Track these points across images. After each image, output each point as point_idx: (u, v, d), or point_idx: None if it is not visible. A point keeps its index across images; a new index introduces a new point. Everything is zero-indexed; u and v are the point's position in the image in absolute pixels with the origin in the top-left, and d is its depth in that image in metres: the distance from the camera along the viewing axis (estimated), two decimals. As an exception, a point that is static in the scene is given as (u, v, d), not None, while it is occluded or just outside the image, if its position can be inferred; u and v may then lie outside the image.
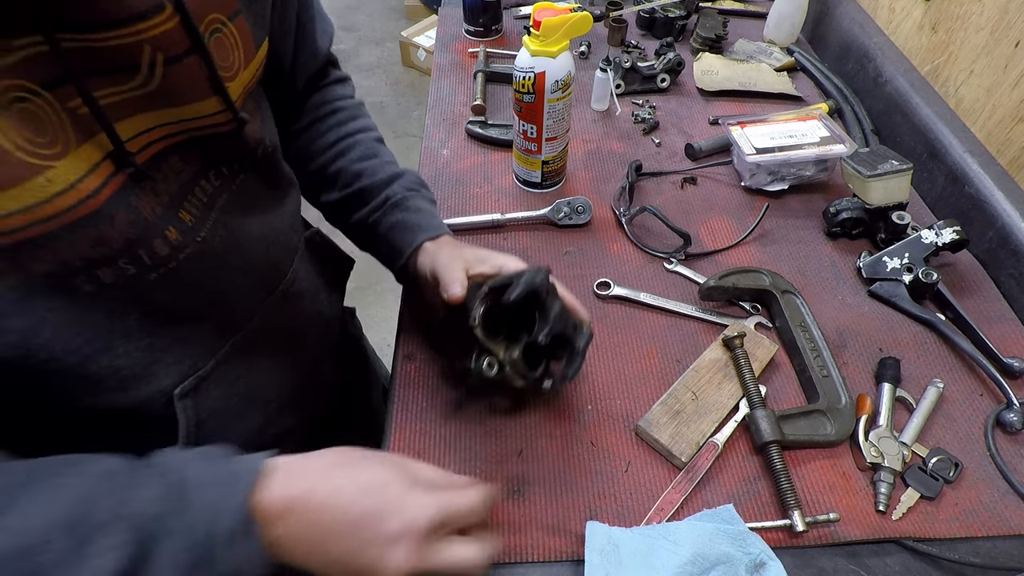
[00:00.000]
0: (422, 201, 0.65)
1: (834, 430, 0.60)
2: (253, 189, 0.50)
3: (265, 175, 0.52)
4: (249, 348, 0.52)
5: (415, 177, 0.67)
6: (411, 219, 0.62)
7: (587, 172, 0.90)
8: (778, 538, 0.54)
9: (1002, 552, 0.54)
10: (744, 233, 0.80)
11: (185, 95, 0.39)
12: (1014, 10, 0.79)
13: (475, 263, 0.58)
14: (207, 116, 0.42)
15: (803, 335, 0.67)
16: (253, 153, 0.49)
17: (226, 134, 0.44)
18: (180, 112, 0.40)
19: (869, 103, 1.02)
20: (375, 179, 0.64)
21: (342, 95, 0.68)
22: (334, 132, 0.65)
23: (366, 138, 0.66)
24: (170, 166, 0.41)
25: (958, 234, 0.72)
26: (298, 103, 0.66)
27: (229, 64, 0.42)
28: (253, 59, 0.46)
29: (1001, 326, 0.71)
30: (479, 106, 0.96)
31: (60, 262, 0.35)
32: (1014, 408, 0.62)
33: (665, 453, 0.59)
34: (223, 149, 0.45)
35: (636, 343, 0.68)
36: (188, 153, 0.42)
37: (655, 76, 1.03)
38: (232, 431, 0.52)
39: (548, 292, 0.55)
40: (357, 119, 0.67)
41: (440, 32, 1.19)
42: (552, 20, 0.69)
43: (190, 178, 0.43)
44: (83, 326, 0.39)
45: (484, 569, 0.40)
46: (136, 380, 0.43)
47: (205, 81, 0.40)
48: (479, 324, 0.53)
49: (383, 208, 0.63)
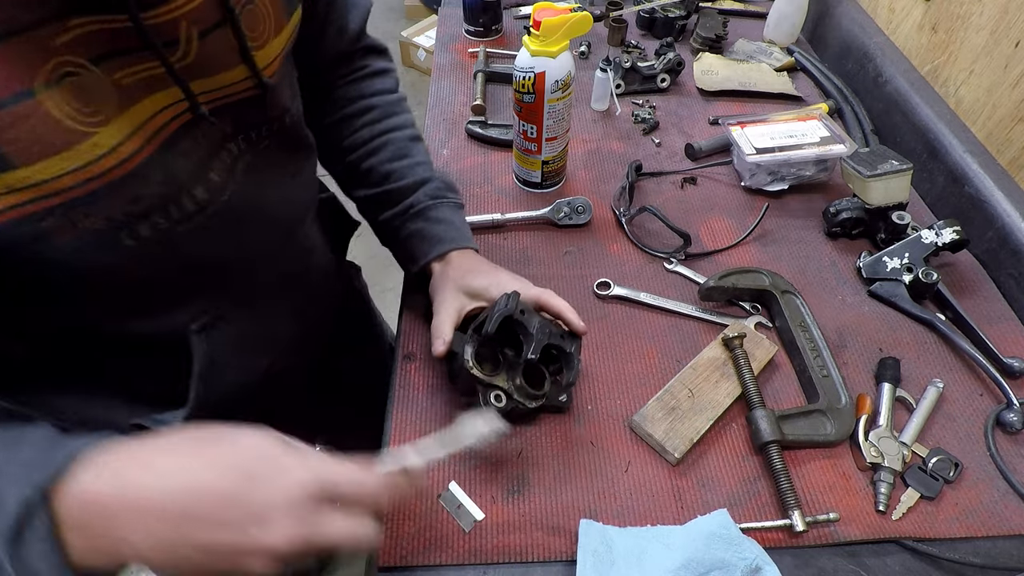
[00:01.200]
0: (446, 210, 0.65)
1: (834, 430, 0.60)
2: (276, 153, 0.52)
3: (288, 141, 0.54)
4: (264, 294, 0.55)
5: (442, 183, 0.67)
6: (430, 230, 0.64)
7: (587, 172, 0.90)
8: (778, 538, 0.54)
9: (1002, 552, 0.54)
10: (744, 233, 0.80)
11: (216, 65, 0.42)
12: (1014, 10, 0.79)
13: (473, 300, 0.60)
14: (235, 83, 0.44)
15: (803, 335, 0.67)
16: (279, 120, 0.51)
17: (252, 100, 0.46)
18: (212, 82, 0.42)
19: (869, 103, 1.02)
20: (403, 183, 0.64)
21: (380, 89, 0.67)
22: (367, 129, 0.65)
23: (400, 137, 0.66)
24: (201, 131, 0.44)
25: (958, 234, 0.72)
26: (327, 83, 0.66)
27: (259, 33, 0.44)
28: (285, 27, 0.47)
29: (1001, 326, 0.71)
30: (479, 106, 0.96)
31: (106, 218, 0.39)
32: (1014, 408, 0.62)
33: (659, 449, 0.59)
34: (250, 115, 0.47)
35: (636, 343, 0.68)
36: (219, 118, 0.44)
37: (655, 76, 1.03)
38: (242, 367, 0.56)
39: (524, 312, 0.57)
40: (392, 116, 0.67)
41: (440, 32, 1.19)
42: (552, 20, 0.69)
43: (219, 140, 0.45)
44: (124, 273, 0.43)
45: (369, 547, 0.36)
46: (160, 313, 0.48)
47: (234, 51, 0.42)
48: (473, 365, 0.54)
49: (406, 214, 0.64)
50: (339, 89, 0.66)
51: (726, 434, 0.61)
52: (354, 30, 0.63)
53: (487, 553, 0.52)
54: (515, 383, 0.56)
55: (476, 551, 0.53)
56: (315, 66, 0.62)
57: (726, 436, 0.61)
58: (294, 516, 0.34)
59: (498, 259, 0.77)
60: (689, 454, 0.59)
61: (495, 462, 0.58)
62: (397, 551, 0.52)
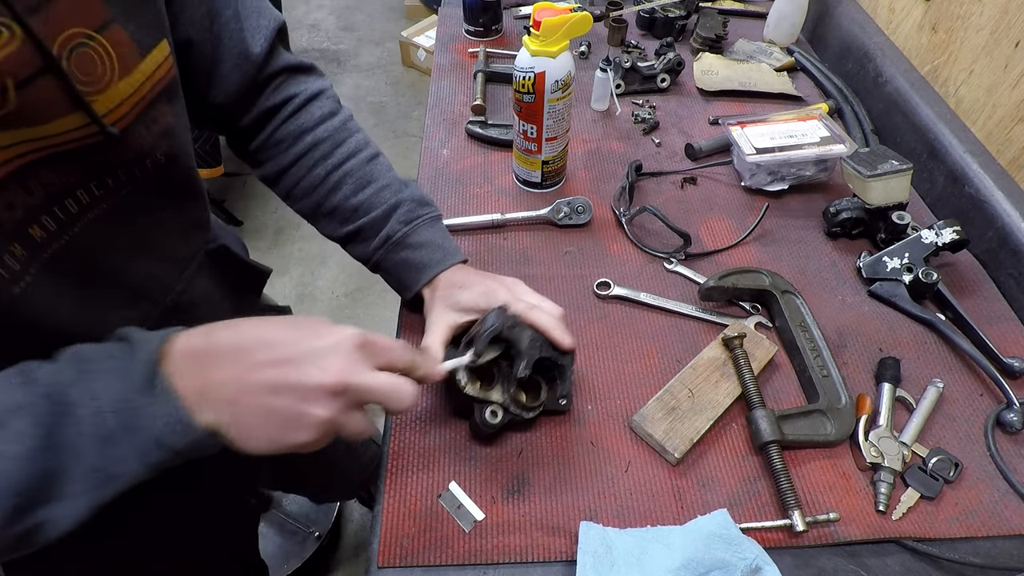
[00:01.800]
0: (424, 231, 0.63)
1: (834, 430, 0.60)
2: (139, 200, 0.49)
3: (159, 186, 0.50)
4: None
5: (412, 201, 0.64)
6: (412, 258, 0.63)
7: (587, 172, 0.90)
8: (778, 538, 0.54)
9: (1002, 552, 0.54)
10: (744, 233, 0.80)
11: (45, 113, 0.39)
12: (1014, 10, 0.79)
13: (461, 316, 0.59)
14: (72, 131, 0.41)
15: (803, 335, 0.67)
16: (140, 164, 0.47)
17: (98, 146, 0.43)
18: (43, 129, 0.39)
19: (869, 103, 1.02)
20: (373, 215, 0.62)
21: (321, 117, 0.63)
22: (321, 167, 0.62)
23: (356, 164, 0.63)
24: (39, 179, 0.40)
25: (958, 234, 0.72)
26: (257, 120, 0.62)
27: (96, 77, 0.41)
28: (137, 67, 0.44)
29: (1001, 326, 0.71)
30: (479, 106, 0.96)
31: None
32: (1014, 408, 0.62)
33: (659, 449, 0.59)
34: (98, 161, 0.44)
35: (636, 343, 0.68)
36: (60, 166, 0.41)
37: (655, 76, 1.03)
38: None
39: (514, 326, 0.55)
40: (342, 144, 0.63)
41: (440, 32, 1.19)
42: (552, 20, 0.69)
43: (61, 190, 0.42)
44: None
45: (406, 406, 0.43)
46: None
47: (64, 98, 0.39)
48: (467, 383, 0.54)
49: (384, 247, 0.63)
50: (278, 131, 0.62)
51: (726, 434, 0.61)
52: (258, 54, 0.57)
53: (487, 553, 0.52)
54: (510, 394, 0.56)
55: (476, 551, 0.53)
56: (228, 99, 0.58)
57: (726, 436, 0.61)
58: (344, 358, 0.40)
59: (498, 259, 0.77)
60: (689, 454, 0.59)
61: (495, 462, 0.58)
62: (397, 551, 0.52)
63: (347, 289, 1.98)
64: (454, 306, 0.60)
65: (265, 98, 0.61)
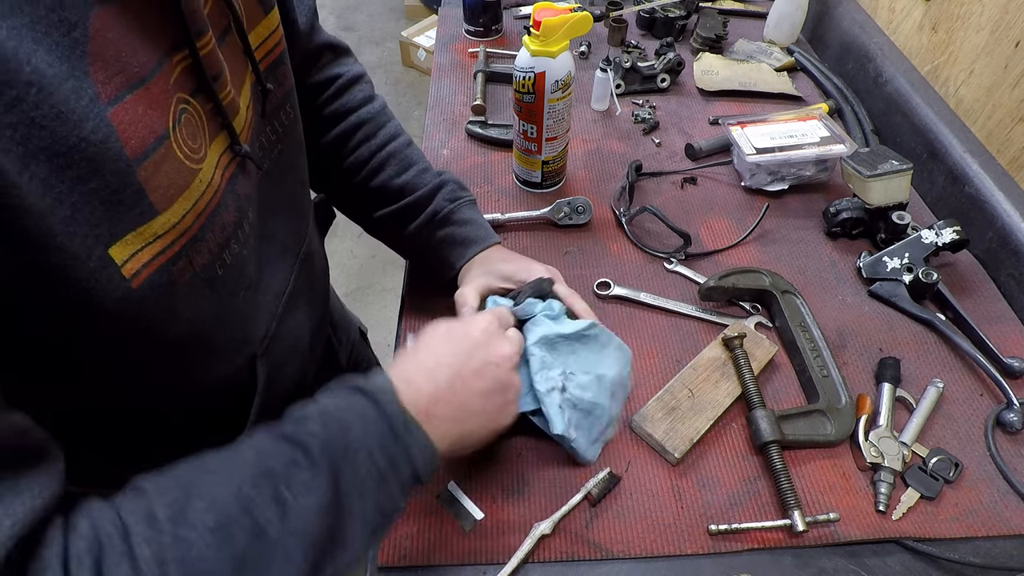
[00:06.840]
0: (467, 210, 0.66)
1: (834, 430, 0.60)
2: (287, 157, 0.52)
3: (294, 141, 0.54)
4: (292, 306, 0.56)
5: (454, 183, 0.67)
6: (459, 233, 0.64)
7: (587, 172, 0.90)
8: (778, 538, 0.54)
9: (1002, 552, 0.54)
10: (744, 233, 0.80)
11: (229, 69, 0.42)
12: (1014, 10, 0.79)
13: (499, 282, 0.61)
14: None
15: (803, 335, 0.67)
16: (281, 120, 0.51)
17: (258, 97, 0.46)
18: None
19: (869, 103, 1.02)
20: (419, 193, 0.64)
21: (363, 99, 0.66)
22: (365, 147, 0.65)
23: (398, 147, 0.66)
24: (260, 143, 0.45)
25: (958, 234, 0.72)
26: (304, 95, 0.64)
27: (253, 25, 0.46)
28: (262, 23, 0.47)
29: (1001, 326, 0.71)
30: (479, 106, 0.96)
31: (210, 251, 0.39)
32: (1014, 408, 0.62)
33: (659, 449, 0.59)
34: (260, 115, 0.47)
35: (636, 343, 0.68)
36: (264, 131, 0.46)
37: (655, 76, 1.03)
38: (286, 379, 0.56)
39: (548, 296, 0.58)
40: (383, 127, 0.66)
41: (440, 32, 1.19)
42: (552, 20, 0.69)
43: None
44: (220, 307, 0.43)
45: None
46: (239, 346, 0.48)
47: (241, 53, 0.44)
48: None
49: (431, 223, 0.64)
50: (324, 109, 0.65)
51: (726, 434, 0.61)
52: (304, 27, 0.60)
53: (487, 553, 0.52)
54: None
55: (476, 551, 0.53)
56: None
57: (726, 436, 0.61)
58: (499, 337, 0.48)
59: (498, 259, 0.77)
60: (689, 454, 0.59)
61: (495, 462, 0.58)
62: (397, 551, 0.52)
63: (347, 289, 1.98)
64: (493, 272, 0.61)
65: (311, 76, 0.64)
